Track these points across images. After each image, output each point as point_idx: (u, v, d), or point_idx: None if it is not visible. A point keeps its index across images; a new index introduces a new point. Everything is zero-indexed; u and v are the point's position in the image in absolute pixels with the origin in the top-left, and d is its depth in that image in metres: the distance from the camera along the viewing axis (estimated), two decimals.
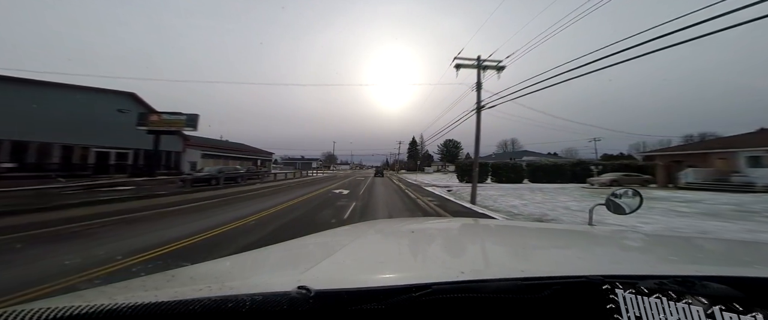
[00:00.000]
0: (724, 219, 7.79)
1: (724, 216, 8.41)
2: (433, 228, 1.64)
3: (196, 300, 0.48)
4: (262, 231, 5.92)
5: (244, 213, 7.77)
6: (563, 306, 0.55)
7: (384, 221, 2.36)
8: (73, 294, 0.60)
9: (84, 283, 3.13)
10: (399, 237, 1.37)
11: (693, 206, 10.44)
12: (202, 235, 5.34)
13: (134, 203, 9.59)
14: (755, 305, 0.45)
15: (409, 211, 9.53)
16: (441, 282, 0.60)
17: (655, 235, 1.47)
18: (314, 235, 1.50)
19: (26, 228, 5.62)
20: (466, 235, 1.46)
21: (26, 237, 5.09)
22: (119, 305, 0.45)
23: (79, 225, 6.07)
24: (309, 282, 0.58)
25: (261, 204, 9.88)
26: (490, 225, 1.73)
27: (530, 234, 1.47)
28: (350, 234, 1.42)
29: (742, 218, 8.07)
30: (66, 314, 0.43)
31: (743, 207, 10.03)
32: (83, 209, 8.15)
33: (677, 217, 8.09)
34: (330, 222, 7.20)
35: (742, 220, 7.72)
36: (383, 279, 0.71)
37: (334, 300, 0.53)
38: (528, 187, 20.28)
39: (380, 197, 13.42)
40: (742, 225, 7.13)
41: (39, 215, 7.12)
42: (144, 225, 6.27)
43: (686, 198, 12.75)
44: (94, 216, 6.95)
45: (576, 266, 0.84)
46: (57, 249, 4.33)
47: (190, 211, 8.13)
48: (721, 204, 10.75)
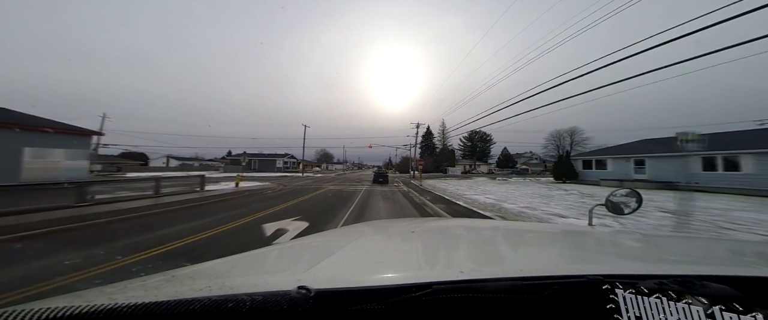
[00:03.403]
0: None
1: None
2: (433, 228, 1.63)
3: (196, 299, 0.48)
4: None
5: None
6: (563, 306, 0.55)
7: (384, 221, 2.32)
8: (73, 294, 0.60)
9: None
10: (399, 237, 1.37)
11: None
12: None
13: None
14: (755, 305, 0.45)
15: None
16: (441, 281, 0.60)
17: (655, 235, 1.47)
18: (314, 235, 1.46)
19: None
20: (465, 235, 1.46)
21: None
22: (119, 305, 0.45)
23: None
24: (309, 282, 0.58)
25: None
26: (489, 226, 1.72)
27: (530, 234, 1.46)
28: (350, 234, 1.41)
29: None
30: (66, 314, 0.43)
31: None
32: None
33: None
34: None
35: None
36: (383, 279, 0.71)
37: (334, 300, 0.53)
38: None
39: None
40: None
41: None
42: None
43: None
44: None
45: (576, 266, 0.84)
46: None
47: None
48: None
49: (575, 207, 10.32)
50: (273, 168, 54.94)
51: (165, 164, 66.74)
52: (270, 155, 60.68)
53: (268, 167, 54.83)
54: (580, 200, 12.67)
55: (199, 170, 54.82)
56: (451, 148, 68.48)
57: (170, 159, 68.72)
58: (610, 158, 24.17)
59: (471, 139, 70.00)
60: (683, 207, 8.95)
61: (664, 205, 10.53)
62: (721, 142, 17.03)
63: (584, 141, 64.29)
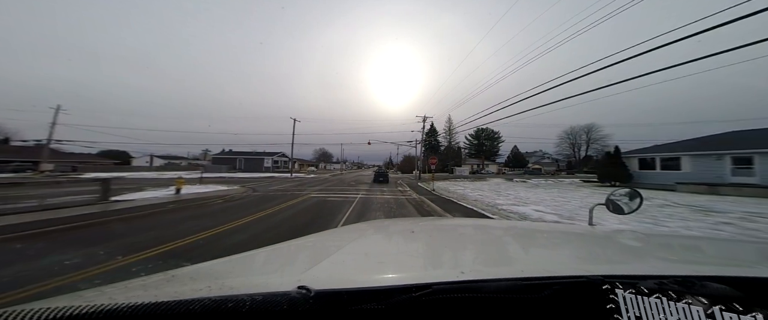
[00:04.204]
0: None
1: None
2: (433, 228, 1.61)
3: (196, 300, 0.48)
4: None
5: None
6: (563, 306, 0.55)
7: (384, 221, 2.17)
8: (73, 294, 0.60)
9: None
10: (399, 237, 1.36)
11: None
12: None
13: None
14: (755, 305, 0.45)
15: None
16: (441, 282, 0.59)
17: (655, 235, 1.43)
18: (314, 235, 1.49)
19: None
20: (466, 235, 1.46)
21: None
22: (119, 305, 0.45)
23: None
24: (309, 282, 0.58)
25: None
26: (490, 226, 1.75)
27: (530, 234, 1.44)
28: (350, 234, 1.42)
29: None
30: (66, 314, 0.43)
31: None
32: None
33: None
34: None
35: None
36: (383, 279, 0.71)
37: (334, 300, 0.53)
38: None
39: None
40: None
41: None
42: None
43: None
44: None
45: (576, 266, 0.83)
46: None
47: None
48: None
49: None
50: (261, 168, 49.13)
51: (148, 163, 61.93)
52: (257, 153, 54.40)
53: (255, 166, 49.04)
54: (714, 227, 7.26)
55: (186, 169, 50.77)
56: (458, 147, 64.18)
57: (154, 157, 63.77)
58: (688, 155, 17.82)
59: (477, 137, 65.30)
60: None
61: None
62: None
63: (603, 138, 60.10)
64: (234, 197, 12.38)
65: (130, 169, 46.90)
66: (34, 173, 26.09)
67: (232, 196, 12.59)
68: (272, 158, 52.54)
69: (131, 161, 60.19)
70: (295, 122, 39.99)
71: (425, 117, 34.18)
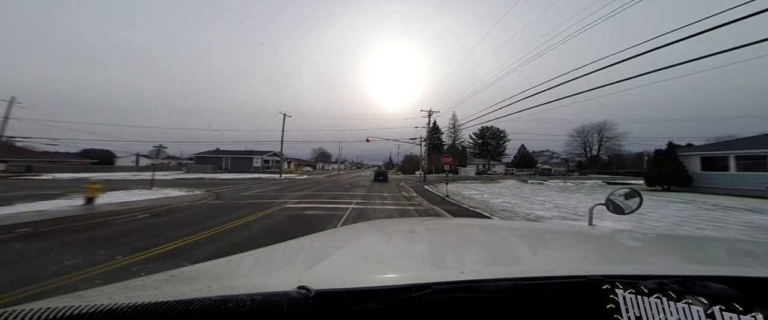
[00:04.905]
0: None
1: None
2: (433, 228, 1.60)
3: (196, 300, 0.47)
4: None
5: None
6: (563, 306, 0.54)
7: (384, 221, 2.09)
8: (73, 294, 0.60)
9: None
10: (399, 237, 1.35)
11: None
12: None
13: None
14: (755, 305, 0.45)
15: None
16: (441, 282, 0.59)
17: (655, 235, 1.42)
18: (314, 235, 1.48)
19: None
20: (466, 235, 1.46)
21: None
22: (119, 305, 0.45)
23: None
24: (309, 282, 0.57)
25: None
26: (489, 225, 1.76)
27: (530, 234, 1.44)
28: (350, 234, 1.41)
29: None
30: (66, 314, 0.43)
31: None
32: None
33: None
34: None
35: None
36: (383, 279, 0.71)
37: (334, 300, 0.52)
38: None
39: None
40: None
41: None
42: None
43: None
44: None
45: (576, 266, 0.82)
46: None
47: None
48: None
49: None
50: (250, 168, 44.92)
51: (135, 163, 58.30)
52: (246, 152, 49.50)
53: (243, 166, 44.79)
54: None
55: (177, 169, 47.25)
56: (462, 146, 60.56)
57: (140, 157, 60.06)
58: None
59: (482, 136, 61.95)
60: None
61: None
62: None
63: (617, 137, 56.69)
64: (174, 209, 8.75)
65: (109, 170, 43.32)
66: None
67: (174, 207, 8.96)
68: (262, 157, 47.87)
69: (115, 161, 56.61)
70: (285, 117, 36.14)
71: (431, 111, 30.56)
